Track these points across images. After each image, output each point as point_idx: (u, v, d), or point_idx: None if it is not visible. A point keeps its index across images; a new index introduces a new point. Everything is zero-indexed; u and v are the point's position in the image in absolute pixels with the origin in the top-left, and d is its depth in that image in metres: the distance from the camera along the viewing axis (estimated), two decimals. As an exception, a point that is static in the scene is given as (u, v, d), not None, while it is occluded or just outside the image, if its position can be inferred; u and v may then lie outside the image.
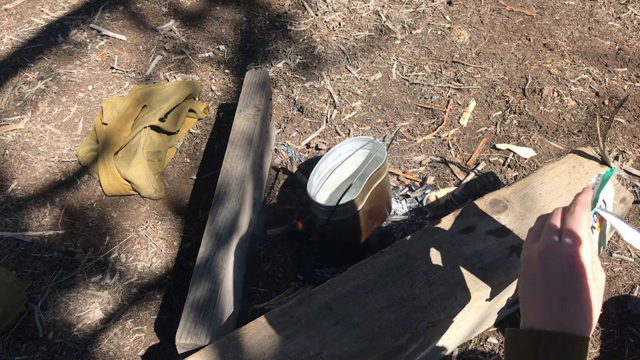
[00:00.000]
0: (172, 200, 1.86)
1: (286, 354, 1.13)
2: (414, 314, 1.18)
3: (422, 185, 1.85)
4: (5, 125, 2.04)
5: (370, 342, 1.14)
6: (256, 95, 1.71)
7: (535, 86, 2.14)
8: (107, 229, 1.78)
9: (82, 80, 2.19)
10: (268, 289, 1.61)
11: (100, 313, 1.60)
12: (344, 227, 1.55)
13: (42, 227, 1.77)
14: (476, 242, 1.30)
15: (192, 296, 1.26)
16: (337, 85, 2.17)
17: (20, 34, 2.34)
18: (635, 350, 1.49)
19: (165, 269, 1.69)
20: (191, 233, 1.76)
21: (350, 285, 1.23)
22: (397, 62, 2.25)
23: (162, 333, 1.56)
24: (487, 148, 1.96)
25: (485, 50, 2.30)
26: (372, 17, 2.44)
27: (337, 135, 2.01)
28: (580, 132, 2.00)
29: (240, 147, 1.57)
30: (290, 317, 1.19)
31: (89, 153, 1.89)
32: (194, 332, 1.20)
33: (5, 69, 2.22)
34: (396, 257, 1.28)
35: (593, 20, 2.41)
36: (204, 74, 2.23)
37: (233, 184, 1.48)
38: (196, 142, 2.03)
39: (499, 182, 1.85)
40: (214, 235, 1.37)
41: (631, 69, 2.20)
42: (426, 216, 1.75)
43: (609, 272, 1.65)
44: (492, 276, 1.24)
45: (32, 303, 1.61)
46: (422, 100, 2.12)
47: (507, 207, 1.37)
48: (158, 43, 2.32)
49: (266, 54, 2.30)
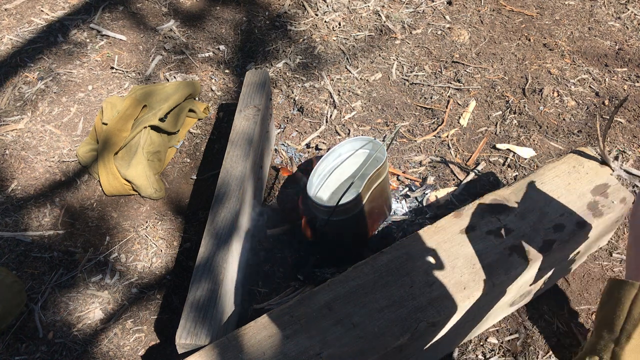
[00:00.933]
0: (172, 200, 1.86)
1: (286, 354, 1.13)
2: (414, 314, 1.18)
3: (422, 185, 1.85)
4: (5, 125, 2.04)
5: (370, 342, 1.14)
6: (256, 95, 1.71)
7: (535, 86, 2.14)
8: (107, 229, 1.78)
9: (82, 80, 2.19)
10: (268, 289, 1.61)
11: (100, 313, 1.60)
12: (344, 227, 1.55)
13: (42, 227, 1.77)
14: (476, 242, 1.30)
15: (192, 296, 1.26)
16: (337, 85, 2.17)
17: (20, 34, 2.34)
18: (635, 350, 1.49)
19: (165, 269, 1.69)
20: (191, 233, 1.76)
21: (350, 285, 1.23)
22: (397, 62, 2.25)
23: (162, 333, 1.56)
24: (487, 148, 1.96)
25: (485, 50, 2.30)
26: (372, 17, 2.44)
27: (337, 135, 2.01)
28: (580, 132, 2.00)
29: (240, 147, 1.57)
30: (290, 317, 1.19)
31: (89, 153, 1.89)
32: (194, 332, 1.19)
33: (5, 69, 2.22)
34: (396, 257, 1.28)
35: (593, 20, 2.41)
36: (204, 74, 2.23)
37: (233, 184, 1.48)
38: (196, 142, 2.03)
39: (499, 182, 1.85)
40: (214, 235, 1.37)
41: (631, 69, 2.20)
42: (426, 216, 1.75)
43: (609, 272, 1.65)
44: (492, 276, 1.24)
45: (32, 303, 1.61)
46: (422, 100, 2.12)
47: (507, 207, 1.37)
48: (158, 43, 2.32)
49: (266, 54, 2.30)
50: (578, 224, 1.34)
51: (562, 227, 1.33)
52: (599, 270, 1.66)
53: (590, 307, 1.59)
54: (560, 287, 1.62)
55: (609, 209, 1.36)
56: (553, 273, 1.46)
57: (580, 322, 1.56)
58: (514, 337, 1.53)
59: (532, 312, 1.57)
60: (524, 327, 1.55)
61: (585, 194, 1.40)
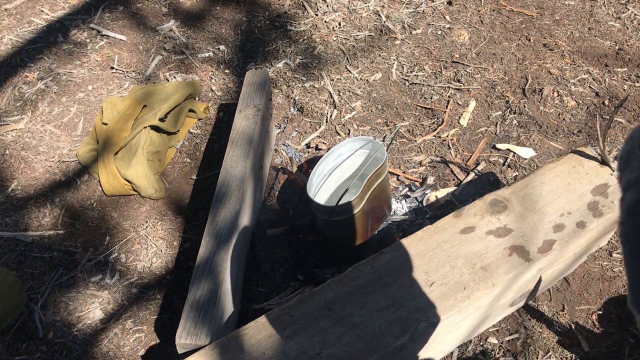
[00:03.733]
0: (172, 200, 1.86)
1: (286, 354, 1.13)
2: (414, 314, 1.18)
3: (422, 185, 1.85)
4: (5, 125, 2.04)
5: (370, 342, 1.14)
6: (256, 95, 1.71)
7: (535, 86, 2.14)
8: (107, 229, 1.78)
9: (82, 80, 2.19)
10: (268, 289, 1.61)
11: (100, 313, 1.60)
12: (344, 227, 1.55)
13: (42, 227, 1.77)
14: (476, 242, 1.30)
15: (192, 296, 1.26)
16: (337, 85, 2.17)
17: (20, 34, 2.34)
18: (635, 350, 1.49)
19: (165, 269, 1.69)
20: (191, 233, 1.76)
21: (350, 285, 1.23)
22: (397, 62, 2.25)
23: (162, 333, 1.56)
24: (487, 148, 1.96)
25: (485, 50, 2.30)
26: (372, 17, 2.44)
27: (337, 135, 2.01)
28: (580, 132, 2.00)
29: (240, 147, 1.57)
30: (290, 317, 1.19)
31: (89, 153, 1.89)
32: (194, 332, 1.19)
33: (5, 69, 2.22)
34: (396, 257, 1.28)
35: (593, 20, 2.41)
36: (204, 74, 2.23)
37: (233, 184, 1.48)
38: (196, 142, 2.03)
39: (499, 182, 1.85)
40: (214, 235, 1.37)
41: (631, 69, 2.19)
42: (426, 216, 1.75)
43: (609, 272, 1.65)
44: (492, 276, 1.24)
45: (32, 303, 1.61)
46: (422, 100, 2.12)
47: (507, 207, 1.37)
48: (158, 43, 2.32)
49: (266, 54, 2.30)
50: (578, 224, 1.34)
51: (562, 227, 1.33)
52: (599, 270, 1.66)
53: (590, 307, 1.59)
54: (560, 287, 1.62)
55: (609, 209, 1.36)
56: (553, 273, 1.46)
57: (580, 322, 1.56)
58: (514, 337, 1.53)
59: (532, 312, 1.57)
60: (524, 327, 1.55)
61: (585, 194, 1.40)
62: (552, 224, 1.33)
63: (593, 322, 1.56)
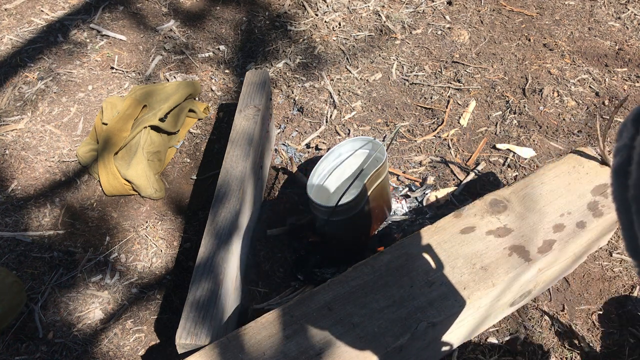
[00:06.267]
0: (172, 200, 1.86)
1: (286, 354, 1.13)
2: (414, 314, 1.18)
3: (422, 185, 1.85)
4: (5, 125, 2.04)
5: (370, 342, 1.14)
6: (256, 95, 1.71)
7: (535, 86, 2.14)
8: (107, 229, 1.78)
9: (82, 80, 2.19)
10: (268, 289, 1.61)
11: (100, 313, 1.60)
12: (343, 228, 1.55)
13: (42, 227, 1.77)
14: (476, 242, 1.30)
15: (192, 296, 1.26)
16: (337, 85, 2.17)
17: (20, 34, 2.34)
18: (635, 350, 1.49)
19: (165, 269, 1.69)
20: (191, 233, 1.76)
21: (350, 285, 1.23)
22: (397, 62, 2.25)
23: (162, 333, 1.56)
24: (487, 148, 1.96)
25: (485, 50, 2.30)
26: (372, 17, 2.44)
27: (337, 135, 2.01)
28: (580, 132, 2.00)
29: (241, 147, 1.57)
30: (290, 317, 1.19)
31: (89, 153, 1.89)
32: (194, 332, 1.19)
33: (5, 69, 2.22)
34: (396, 257, 1.28)
35: (593, 20, 2.41)
36: (204, 74, 2.23)
37: (233, 184, 1.48)
38: (196, 142, 2.03)
39: (499, 182, 1.85)
40: (214, 235, 1.37)
41: (631, 69, 2.19)
42: (426, 216, 1.75)
43: (609, 272, 1.65)
44: (492, 276, 1.24)
45: (32, 303, 1.61)
46: (422, 100, 2.12)
47: (507, 207, 1.37)
48: (158, 43, 2.32)
49: (266, 54, 2.30)
50: (578, 224, 1.34)
51: (562, 227, 1.33)
52: (599, 270, 1.66)
53: (590, 307, 1.59)
54: (560, 287, 1.62)
55: (609, 209, 1.36)
56: (553, 273, 1.46)
57: (580, 322, 1.56)
58: (514, 337, 1.53)
59: (532, 312, 1.57)
60: (524, 327, 1.55)
61: (585, 194, 1.40)
62: (552, 224, 1.33)
63: (593, 322, 1.56)
